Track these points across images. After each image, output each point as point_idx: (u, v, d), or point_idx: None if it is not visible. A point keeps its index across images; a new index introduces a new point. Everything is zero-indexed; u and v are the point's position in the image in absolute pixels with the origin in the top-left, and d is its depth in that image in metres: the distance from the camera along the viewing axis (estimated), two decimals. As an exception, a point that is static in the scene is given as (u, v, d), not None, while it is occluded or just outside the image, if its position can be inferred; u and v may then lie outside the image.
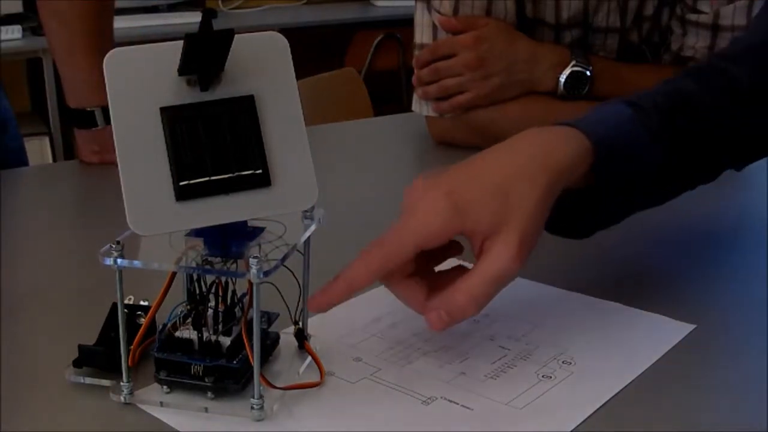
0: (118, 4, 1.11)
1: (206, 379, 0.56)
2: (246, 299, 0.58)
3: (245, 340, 0.56)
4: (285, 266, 0.56)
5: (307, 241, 0.60)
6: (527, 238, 0.59)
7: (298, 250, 0.58)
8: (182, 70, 0.54)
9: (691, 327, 0.67)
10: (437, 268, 0.65)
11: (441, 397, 0.58)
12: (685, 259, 0.82)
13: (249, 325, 0.56)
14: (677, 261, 0.81)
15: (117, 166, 0.53)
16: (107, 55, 0.54)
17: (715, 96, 0.72)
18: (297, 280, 0.60)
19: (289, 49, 0.57)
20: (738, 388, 0.61)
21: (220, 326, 0.57)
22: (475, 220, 0.59)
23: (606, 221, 0.71)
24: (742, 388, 0.60)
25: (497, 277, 0.59)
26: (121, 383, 0.57)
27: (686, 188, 0.74)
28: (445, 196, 0.59)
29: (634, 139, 0.67)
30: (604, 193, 0.66)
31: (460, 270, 0.62)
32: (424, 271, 0.63)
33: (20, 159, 1.21)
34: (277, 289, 0.59)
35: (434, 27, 1.13)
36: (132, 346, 0.57)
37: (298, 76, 0.57)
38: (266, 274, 0.53)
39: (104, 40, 1.05)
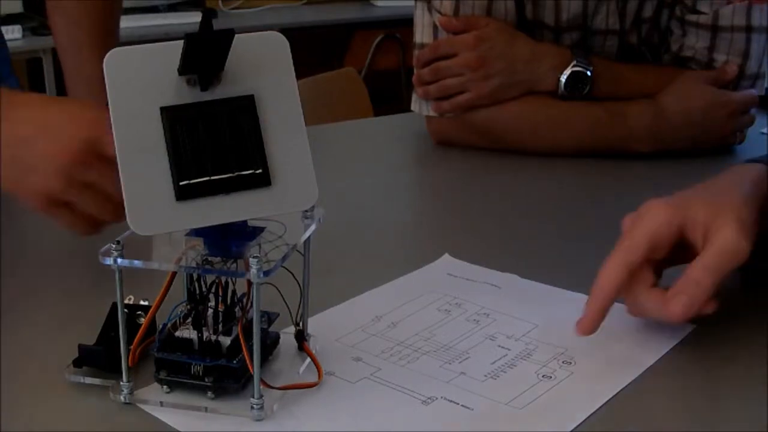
0: (117, 4, 1.11)
1: (206, 379, 0.56)
2: (246, 299, 0.58)
3: (242, 342, 0.56)
4: (284, 267, 0.56)
5: (307, 241, 0.60)
6: (745, 222, 0.65)
7: (297, 251, 0.58)
8: (182, 70, 0.54)
9: (691, 327, 0.67)
10: None
11: (441, 397, 0.58)
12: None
13: (248, 325, 0.56)
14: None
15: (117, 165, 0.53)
16: (107, 55, 0.54)
17: None
18: (297, 280, 0.60)
19: (289, 49, 0.57)
20: (738, 388, 0.61)
21: (220, 326, 0.57)
22: (694, 211, 0.66)
23: None
24: (742, 388, 0.60)
25: (724, 250, 0.63)
26: (121, 383, 0.57)
27: None
28: (663, 202, 0.68)
29: None
30: None
31: None
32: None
33: None
34: (277, 290, 0.59)
35: (434, 27, 1.13)
36: (132, 346, 0.57)
37: (298, 76, 0.57)
38: (266, 274, 0.53)
39: (111, 38, 1.05)
